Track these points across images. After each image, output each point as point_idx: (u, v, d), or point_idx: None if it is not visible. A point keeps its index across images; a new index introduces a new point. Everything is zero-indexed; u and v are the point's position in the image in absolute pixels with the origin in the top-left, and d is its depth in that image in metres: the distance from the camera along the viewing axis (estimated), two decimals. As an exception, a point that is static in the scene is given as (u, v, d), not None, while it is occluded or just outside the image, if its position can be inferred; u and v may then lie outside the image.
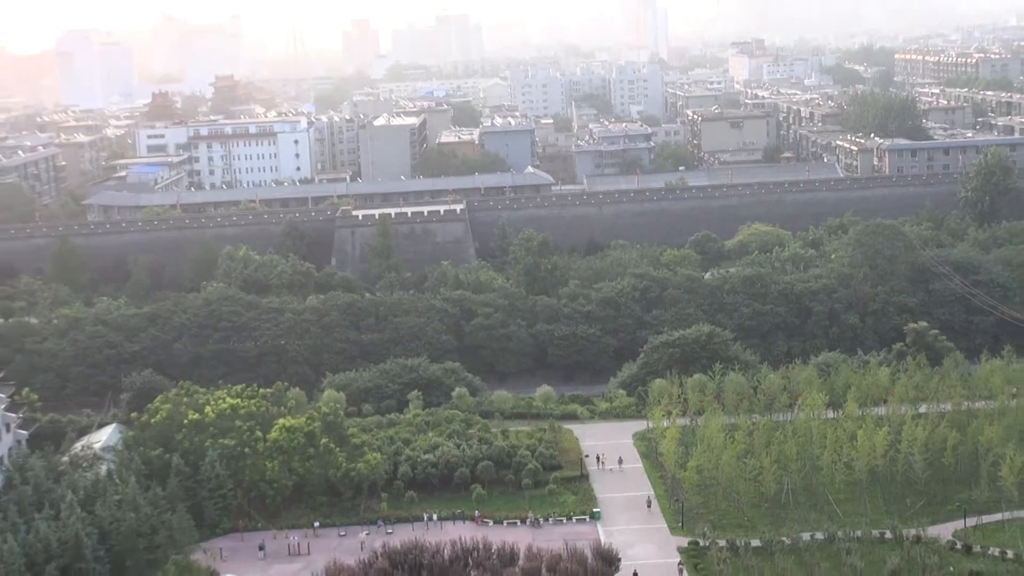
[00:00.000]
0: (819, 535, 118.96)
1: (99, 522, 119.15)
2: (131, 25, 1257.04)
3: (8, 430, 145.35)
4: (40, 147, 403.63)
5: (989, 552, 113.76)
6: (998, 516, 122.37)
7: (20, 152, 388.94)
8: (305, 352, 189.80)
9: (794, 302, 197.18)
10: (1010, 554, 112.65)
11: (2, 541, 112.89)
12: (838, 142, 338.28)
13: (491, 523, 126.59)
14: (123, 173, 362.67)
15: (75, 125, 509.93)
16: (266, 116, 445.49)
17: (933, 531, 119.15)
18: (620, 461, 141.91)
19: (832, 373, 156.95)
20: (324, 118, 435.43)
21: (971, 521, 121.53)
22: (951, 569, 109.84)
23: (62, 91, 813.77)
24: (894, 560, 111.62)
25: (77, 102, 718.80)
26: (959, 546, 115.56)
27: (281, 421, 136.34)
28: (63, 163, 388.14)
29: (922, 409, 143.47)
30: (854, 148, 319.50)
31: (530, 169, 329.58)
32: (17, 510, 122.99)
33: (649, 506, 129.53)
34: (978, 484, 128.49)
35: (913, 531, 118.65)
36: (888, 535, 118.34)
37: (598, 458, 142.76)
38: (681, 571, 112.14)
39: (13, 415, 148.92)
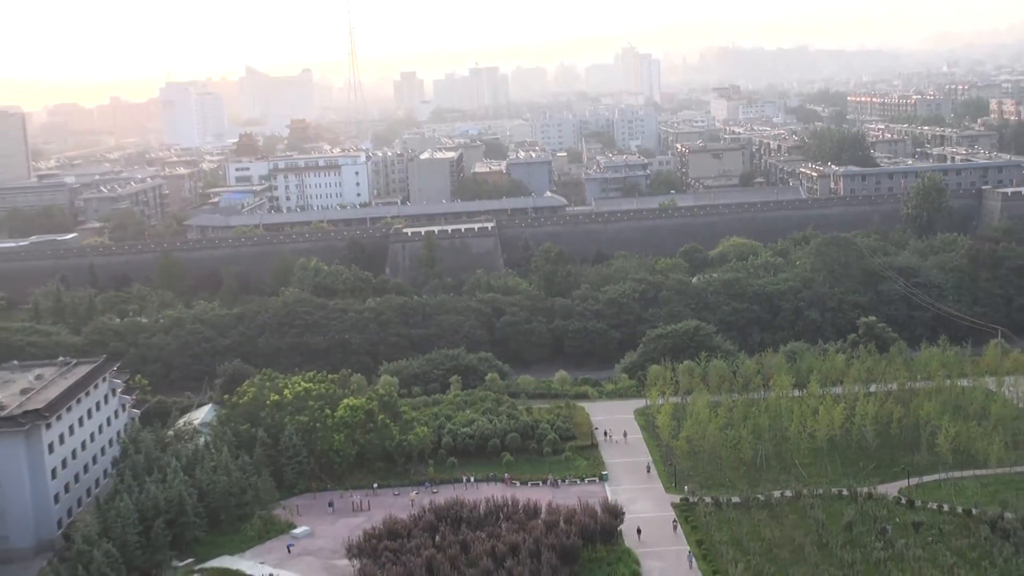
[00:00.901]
0: (788, 492, 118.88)
1: (198, 484, 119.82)
2: (222, 78, 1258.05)
3: (124, 409, 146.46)
4: (148, 179, 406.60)
5: (928, 506, 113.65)
6: (936, 476, 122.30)
7: (132, 183, 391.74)
8: (365, 344, 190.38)
9: (766, 301, 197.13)
10: (946, 507, 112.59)
11: (119, 500, 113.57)
12: (801, 169, 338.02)
13: (518, 484, 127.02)
14: (216, 199, 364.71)
15: (176, 160, 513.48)
16: (332, 152, 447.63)
17: (882, 489, 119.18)
18: (625, 434, 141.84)
19: (797, 359, 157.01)
20: (379, 153, 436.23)
21: (913, 481, 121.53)
22: (896, 520, 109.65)
23: (166, 133, 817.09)
24: (850, 513, 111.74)
25: (178, 142, 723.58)
26: (903, 501, 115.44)
27: (346, 401, 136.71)
28: (167, 192, 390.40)
29: (872, 388, 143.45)
30: (814, 174, 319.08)
31: (548, 194, 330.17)
32: (131, 475, 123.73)
33: (648, 470, 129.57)
34: (919, 450, 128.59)
35: (865, 489, 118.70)
36: (845, 492, 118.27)
37: (606, 433, 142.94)
38: (675, 525, 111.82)
39: (128, 397, 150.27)
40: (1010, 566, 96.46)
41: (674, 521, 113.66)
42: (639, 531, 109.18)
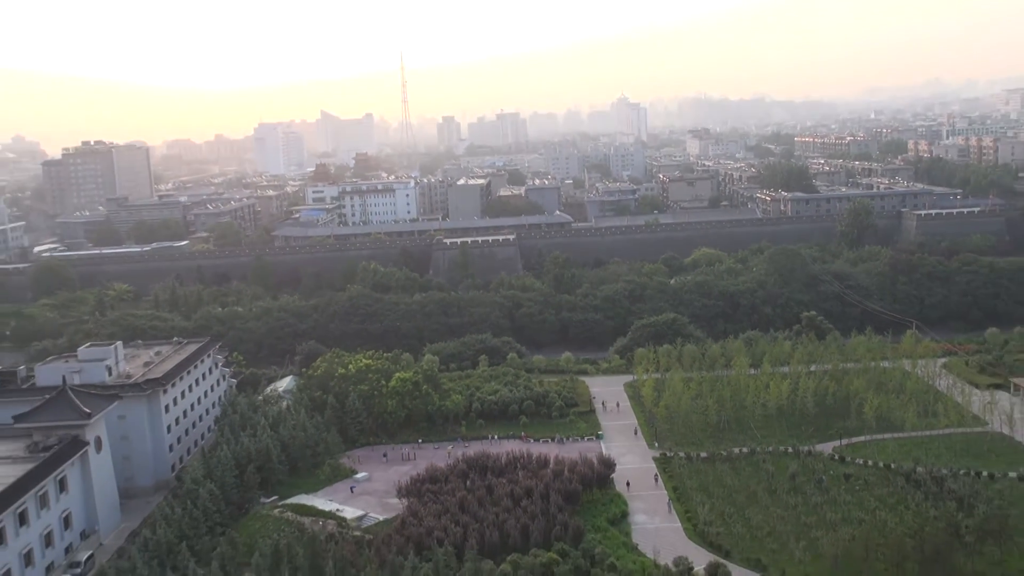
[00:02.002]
0: (744, 450, 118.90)
1: (281, 438, 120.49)
2: (302, 120, 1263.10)
3: (224, 379, 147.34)
4: (244, 199, 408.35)
5: (856, 461, 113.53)
6: (862, 438, 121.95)
7: (232, 202, 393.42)
8: (412, 330, 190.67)
9: (729, 298, 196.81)
10: (870, 463, 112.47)
11: (220, 450, 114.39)
12: (757, 195, 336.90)
13: (532, 440, 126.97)
14: (297, 215, 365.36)
15: (266, 185, 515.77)
16: (388, 179, 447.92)
17: (819, 447, 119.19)
18: (618, 404, 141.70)
19: (753, 344, 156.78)
20: (425, 180, 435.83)
21: (844, 441, 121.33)
22: (830, 472, 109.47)
23: (258, 163, 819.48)
24: (793, 466, 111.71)
25: (268, 170, 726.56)
26: (836, 457, 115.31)
27: (397, 374, 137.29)
28: (259, 209, 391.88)
29: (812, 368, 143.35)
30: (768, 198, 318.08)
31: (557, 212, 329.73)
32: (229, 430, 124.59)
33: (635, 433, 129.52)
34: (849, 417, 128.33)
35: (806, 447, 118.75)
36: (790, 450, 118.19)
37: (603, 404, 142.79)
38: (656, 478, 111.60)
39: (227, 369, 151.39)
40: (920, 509, 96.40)
41: (655, 475, 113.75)
42: (628, 484, 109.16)
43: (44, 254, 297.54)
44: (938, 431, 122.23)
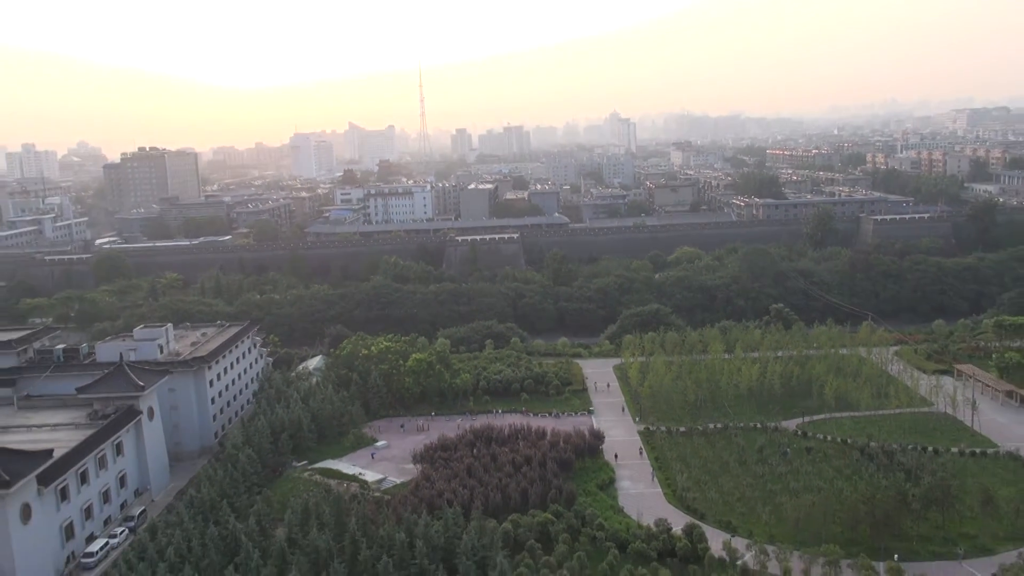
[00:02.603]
0: (718, 425, 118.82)
1: (311, 410, 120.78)
2: (332, 130, 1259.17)
3: (261, 357, 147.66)
4: (280, 199, 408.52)
5: (816, 436, 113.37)
6: (822, 416, 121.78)
7: (270, 202, 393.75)
8: (427, 316, 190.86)
9: (706, 292, 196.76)
10: (829, 438, 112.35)
11: (257, 420, 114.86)
12: (733, 200, 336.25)
13: (531, 415, 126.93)
14: (327, 214, 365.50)
15: (300, 187, 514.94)
16: (407, 183, 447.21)
17: (785, 424, 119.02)
18: (608, 385, 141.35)
19: (727, 332, 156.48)
20: (440, 184, 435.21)
21: (807, 419, 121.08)
22: (794, 446, 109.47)
23: (293, 168, 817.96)
24: (761, 440, 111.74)
25: (301, 174, 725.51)
26: (799, 433, 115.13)
27: (414, 355, 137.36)
28: (293, 208, 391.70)
29: (779, 354, 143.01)
30: (742, 204, 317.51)
31: (556, 214, 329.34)
32: (266, 402, 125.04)
33: (623, 410, 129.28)
34: (811, 397, 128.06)
35: (773, 424, 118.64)
36: (758, 426, 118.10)
37: (595, 384, 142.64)
38: (641, 451, 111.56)
39: (264, 349, 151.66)
40: (872, 479, 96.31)
41: (640, 447, 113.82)
42: (616, 456, 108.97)
43: (104, 246, 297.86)
44: (889, 411, 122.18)
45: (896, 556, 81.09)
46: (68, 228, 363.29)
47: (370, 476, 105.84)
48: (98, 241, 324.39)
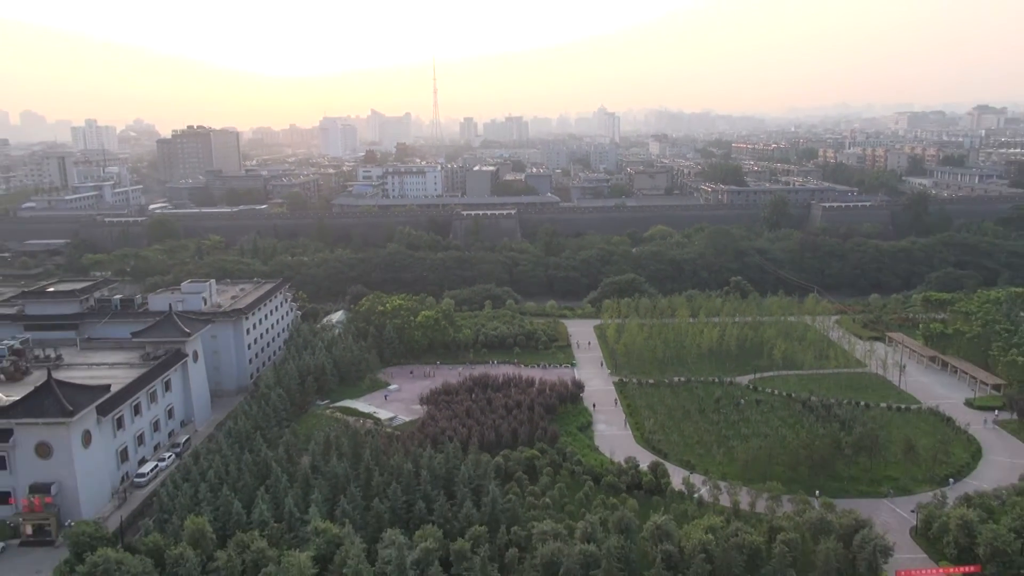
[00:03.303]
0: (682, 379, 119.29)
1: (334, 357, 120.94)
2: (356, 115, 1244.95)
3: (291, 311, 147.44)
4: (310, 175, 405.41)
5: (766, 390, 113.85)
6: (771, 373, 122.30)
7: (301, 176, 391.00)
8: (435, 279, 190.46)
9: (676, 265, 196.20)
10: (776, 392, 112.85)
11: (287, 364, 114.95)
12: (702, 186, 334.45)
13: (522, 366, 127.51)
14: (351, 189, 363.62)
15: (327, 164, 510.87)
16: (421, 163, 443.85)
17: (739, 379, 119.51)
18: (589, 343, 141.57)
19: (692, 300, 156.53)
20: (449, 165, 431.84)
21: (757, 375, 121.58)
22: (745, 398, 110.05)
23: (322, 147, 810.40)
24: (718, 392, 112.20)
25: (329, 153, 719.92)
26: (751, 387, 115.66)
27: (423, 312, 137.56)
28: (321, 183, 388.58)
29: (736, 319, 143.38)
30: (709, 190, 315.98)
31: (548, 194, 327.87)
32: (295, 350, 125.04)
33: (601, 364, 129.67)
34: (762, 357, 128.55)
35: (729, 379, 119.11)
36: (716, 380, 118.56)
37: (577, 341, 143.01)
38: (616, 401, 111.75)
39: (294, 304, 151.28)
40: (812, 428, 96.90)
41: (614, 395, 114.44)
42: (594, 405, 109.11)
43: (157, 211, 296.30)
44: (829, 370, 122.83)
45: (817, 492, 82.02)
46: (125, 194, 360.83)
47: (383, 414, 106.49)
48: (151, 206, 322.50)
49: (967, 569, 68.09)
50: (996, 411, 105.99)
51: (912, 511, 78.85)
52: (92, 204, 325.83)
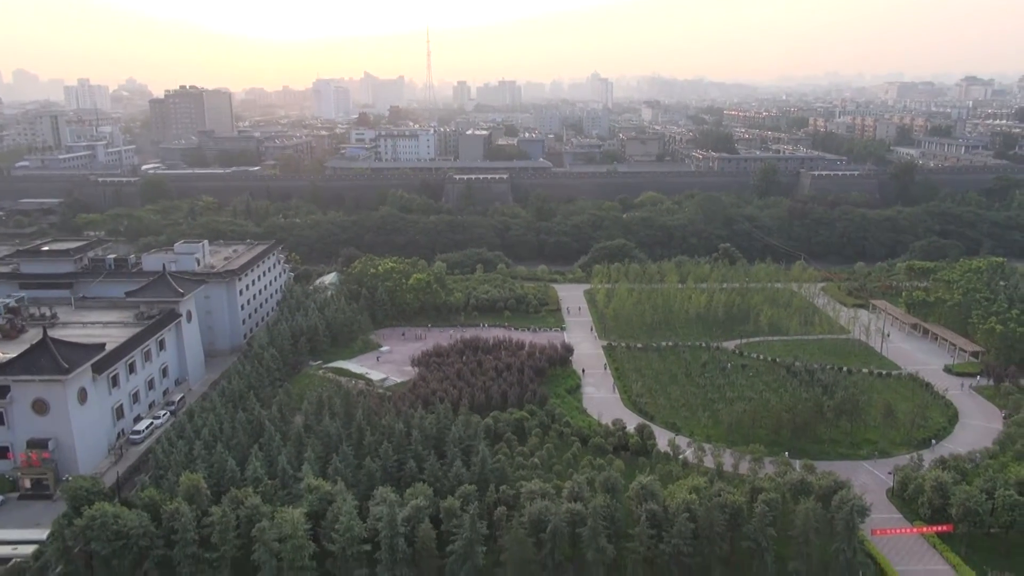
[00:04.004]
0: (670, 343, 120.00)
1: (326, 318, 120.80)
2: (350, 77, 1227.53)
3: (284, 272, 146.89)
4: (303, 136, 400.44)
5: (751, 355, 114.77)
6: (757, 339, 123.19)
7: (294, 138, 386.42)
8: (427, 242, 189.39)
9: (666, 231, 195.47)
10: (761, 357, 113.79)
11: (280, 325, 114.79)
12: (693, 153, 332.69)
13: (513, 329, 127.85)
14: (344, 151, 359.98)
15: (320, 127, 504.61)
16: (414, 127, 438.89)
17: (725, 344, 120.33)
18: (579, 308, 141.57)
19: (681, 266, 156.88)
20: (442, 129, 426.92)
21: (743, 340, 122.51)
22: (731, 363, 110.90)
23: (315, 109, 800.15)
24: (705, 357, 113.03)
25: (322, 115, 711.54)
26: (737, 352, 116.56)
27: (415, 275, 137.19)
28: (314, 145, 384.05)
29: (724, 286, 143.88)
30: (700, 156, 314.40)
31: (541, 159, 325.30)
32: (287, 311, 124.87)
33: (590, 328, 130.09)
34: (748, 323, 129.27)
35: (715, 344, 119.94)
36: (703, 344, 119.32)
37: (567, 305, 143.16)
38: (605, 366, 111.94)
39: (287, 265, 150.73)
40: (795, 392, 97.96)
41: (603, 358, 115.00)
42: (583, 371, 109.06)
43: (150, 171, 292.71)
44: (813, 336, 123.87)
45: (787, 452, 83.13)
46: (118, 154, 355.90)
47: (375, 375, 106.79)
48: (144, 167, 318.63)
49: (939, 528, 69.51)
50: (978, 376, 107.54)
51: (889, 473, 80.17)
52: (85, 164, 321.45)
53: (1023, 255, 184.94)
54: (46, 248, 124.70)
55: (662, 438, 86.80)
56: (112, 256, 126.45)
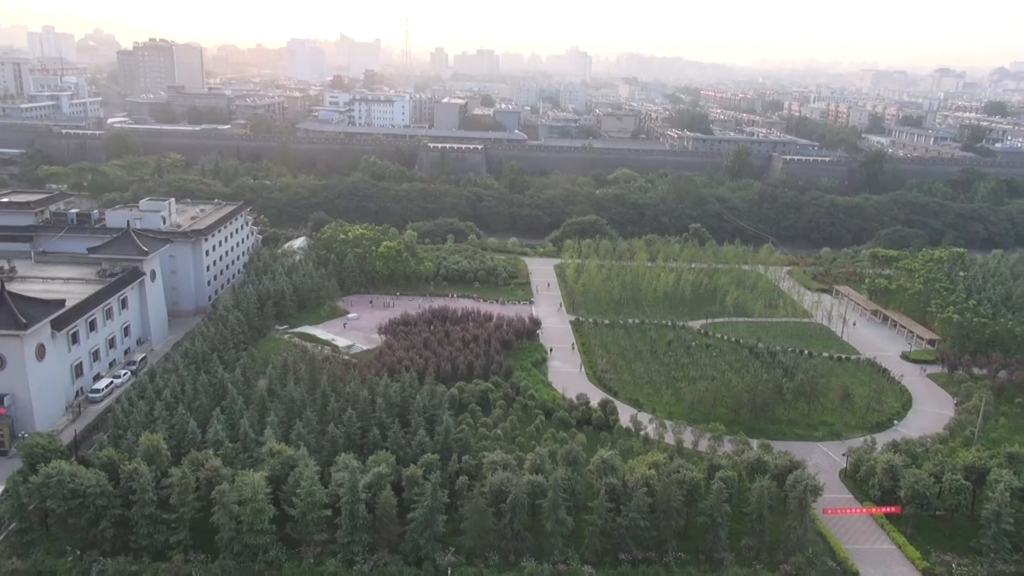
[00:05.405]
0: (636, 320, 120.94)
1: (293, 283, 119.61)
2: (325, 39, 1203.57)
3: (252, 234, 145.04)
4: (276, 97, 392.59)
5: (716, 335, 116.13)
6: (722, 319, 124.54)
7: (267, 98, 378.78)
8: (399, 210, 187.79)
9: (638, 209, 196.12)
10: (725, 337, 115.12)
11: (246, 287, 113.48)
12: (668, 132, 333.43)
13: (481, 300, 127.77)
14: (316, 114, 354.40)
15: (294, 88, 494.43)
16: (389, 92, 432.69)
17: (691, 323, 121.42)
18: (548, 285, 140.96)
19: (651, 244, 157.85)
20: (418, 96, 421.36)
21: (709, 320, 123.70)
22: (696, 342, 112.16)
23: (289, 70, 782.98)
24: (670, 335, 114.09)
25: (296, 76, 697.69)
26: (702, 332, 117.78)
27: (385, 243, 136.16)
28: (287, 106, 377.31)
29: (692, 265, 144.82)
30: (675, 135, 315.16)
31: (516, 131, 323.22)
32: (254, 273, 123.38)
33: (559, 302, 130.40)
34: (715, 303, 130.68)
35: (681, 323, 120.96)
36: (669, 323, 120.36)
37: (537, 279, 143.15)
38: (573, 345, 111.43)
39: (255, 227, 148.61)
40: (757, 373, 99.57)
41: (570, 333, 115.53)
42: (551, 349, 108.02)
43: (116, 125, 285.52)
44: (777, 319, 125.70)
45: (745, 431, 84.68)
46: (83, 106, 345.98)
47: (341, 342, 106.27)
48: (110, 120, 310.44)
49: (888, 510, 71.59)
50: (932, 363, 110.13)
51: (843, 455, 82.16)
52: (49, 114, 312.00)
53: (983, 246, 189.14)
54: (5, 200, 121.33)
55: (625, 414, 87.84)
56: (75, 211, 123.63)
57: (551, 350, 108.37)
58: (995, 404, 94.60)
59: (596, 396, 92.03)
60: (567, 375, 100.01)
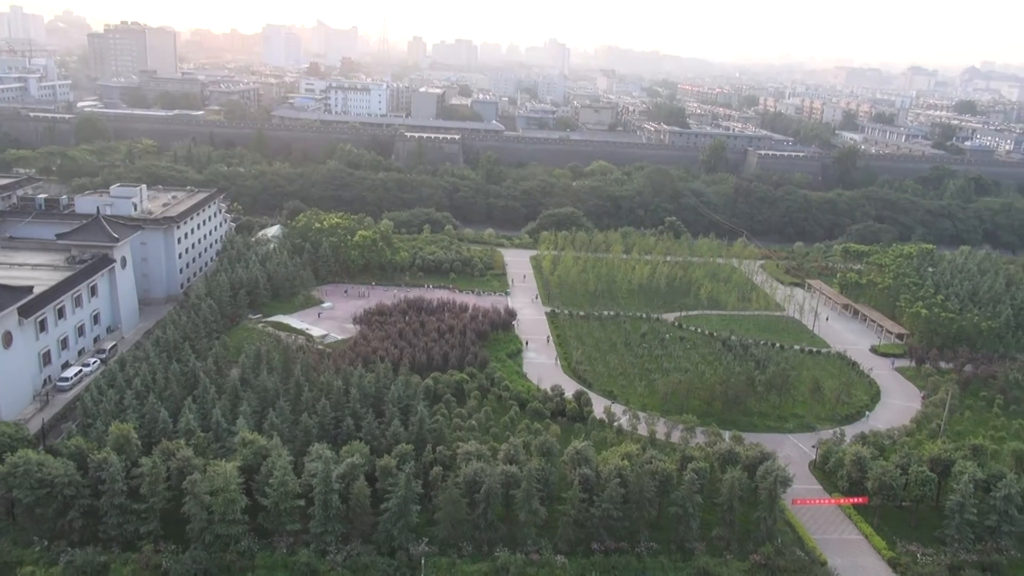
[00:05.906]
0: (611, 312, 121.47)
1: (267, 271, 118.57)
2: (302, 25, 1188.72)
3: (225, 222, 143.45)
4: (251, 83, 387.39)
5: (690, 328, 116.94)
6: (696, 312, 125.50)
7: (241, 84, 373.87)
8: (375, 200, 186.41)
9: (614, 201, 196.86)
10: (699, 330, 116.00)
11: (219, 276, 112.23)
12: (645, 125, 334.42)
13: (457, 291, 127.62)
14: (292, 101, 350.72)
15: (269, 74, 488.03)
16: (366, 80, 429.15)
17: (665, 316, 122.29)
18: (524, 277, 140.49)
19: (627, 237, 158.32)
20: (395, 84, 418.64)
21: (683, 313, 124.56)
22: (670, 334, 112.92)
23: (264, 56, 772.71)
24: (645, 327, 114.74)
25: (271, 62, 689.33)
26: (676, 324, 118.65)
27: (360, 232, 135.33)
28: (262, 93, 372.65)
29: (667, 258, 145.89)
30: (652, 129, 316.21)
31: (494, 122, 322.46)
32: (227, 262, 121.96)
33: (535, 294, 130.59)
34: (689, 296, 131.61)
35: (656, 315, 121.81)
36: (644, 316, 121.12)
37: (513, 279, 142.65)
38: (548, 338, 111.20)
39: (228, 215, 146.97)
40: (729, 366, 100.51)
41: (545, 325, 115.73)
42: (527, 342, 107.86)
43: (86, 108, 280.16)
44: (750, 312, 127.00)
45: (717, 423, 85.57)
46: (52, 89, 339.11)
47: (315, 331, 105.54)
48: (80, 104, 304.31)
49: (855, 500, 72.83)
50: (901, 357, 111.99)
51: (813, 447, 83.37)
52: (16, 97, 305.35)
53: (952, 243, 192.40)
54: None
55: (599, 405, 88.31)
56: (43, 196, 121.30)
57: (527, 342, 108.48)
58: (960, 397, 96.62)
59: (571, 387, 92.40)
60: (542, 366, 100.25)
